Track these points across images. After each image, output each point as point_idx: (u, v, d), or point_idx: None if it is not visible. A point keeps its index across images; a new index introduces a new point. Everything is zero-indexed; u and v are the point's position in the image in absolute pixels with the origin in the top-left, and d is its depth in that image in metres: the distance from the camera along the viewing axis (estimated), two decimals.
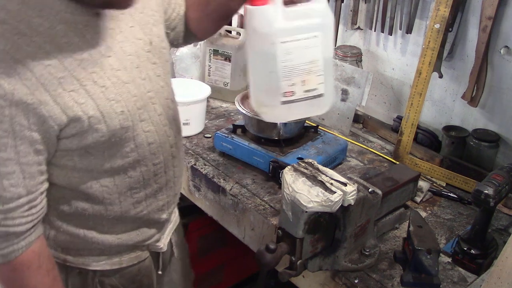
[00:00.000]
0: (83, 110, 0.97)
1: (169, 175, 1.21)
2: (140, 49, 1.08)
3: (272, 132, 1.61)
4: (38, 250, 1.03)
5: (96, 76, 0.98)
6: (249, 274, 2.40)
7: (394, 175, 1.39)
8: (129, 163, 1.10)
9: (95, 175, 1.07)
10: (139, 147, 1.09)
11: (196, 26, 1.28)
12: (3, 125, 0.91)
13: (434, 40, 1.64)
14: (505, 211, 1.51)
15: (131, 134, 1.06)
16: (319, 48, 1.10)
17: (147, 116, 1.09)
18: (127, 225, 1.19)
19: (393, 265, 1.28)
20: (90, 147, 1.02)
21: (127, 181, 1.12)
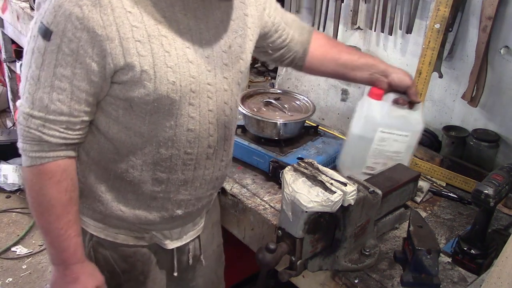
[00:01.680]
0: (140, 61, 1.02)
1: (198, 173, 1.21)
2: (217, 46, 1.14)
3: (272, 132, 1.61)
4: (64, 166, 1.09)
5: (165, 40, 1.04)
6: (249, 274, 2.40)
7: (394, 175, 1.39)
8: (165, 138, 1.12)
9: (131, 134, 1.12)
10: (178, 127, 1.12)
11: (311, 65, 1.47)
12: (72, 44, 0.99)
13: (434, 40, 1.64)
14: (505, 211, 1.51)
15: (175, 110, 1.10)
16: (405, 144, 1.46)
17: (197, 103, 1.12)
18: (140, 198, 1.19)
19: (393, 265, 1.28)
20: (135, 103, 1.07)
21: (156, 156, 1.14)
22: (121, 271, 1.28)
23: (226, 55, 1.16)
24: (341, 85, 1.89)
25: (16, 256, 2.85)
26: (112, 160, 1.16)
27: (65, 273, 1.15)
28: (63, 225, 1.11)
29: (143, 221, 1.23)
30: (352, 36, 2.12)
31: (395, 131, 1.45)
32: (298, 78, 2.02)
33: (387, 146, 1.45)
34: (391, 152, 1.47)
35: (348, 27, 2.10)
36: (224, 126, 1.21)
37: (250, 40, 1.25)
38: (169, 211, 1.23)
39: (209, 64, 1.12)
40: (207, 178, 1.24)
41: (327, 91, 1.93)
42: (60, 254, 1.14)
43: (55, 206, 1.09)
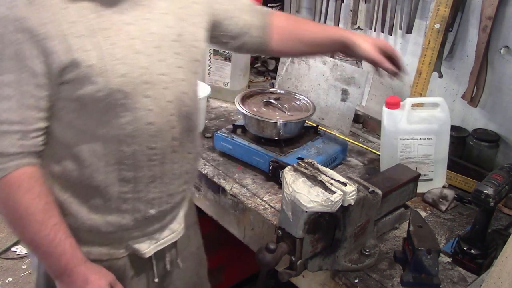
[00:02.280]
0: (84, 56, 0.99)
1: (166, 168, 1.17)
2: (166, 35, 1.11)
3: (272, 132, 1.61)
4: (29, 174, 1.04)
5: (109, 33, 1.01)
6: (249, 274, 2.40)
7: (394, 175, 1.39)
8: (124, 136, 1.08)
9: (88, 137, 1.07)
10: (136, 122, 1.08)
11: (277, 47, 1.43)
12: (12, 48, 0.95)
13: (434, 40, 1.64)
14: (505, 211, 1.51)
15: (131, 104, 1.06)
16: (432, 147, 1.52)
17: (152, 95, 1.08)
18: (109, 204, 1.14)
19: (393, 265, 1.28)
20: (87, 102, 1.03)
21: (118, 154, 1.10)
22: None
23: (177, 44, 1.13)
24: (341, 85, 1.89)
25: (16, 256, 2.85)
26: (74, 169, 1.10)
27: (71, 280, 1.09)
28: (50, 231, 1.06)
29: (117, 227, 1.16)
30: None
31: (416, 136, 1.52)
32: (298, 78, 2.02)
33: (413, 151, 1.53)
34: (420, 156, 1.53)
35: (348, 27, 2.10)
36: (186, 117, 1.17)
37: (201, 28, 1.21)
38: (142, 212, 1.18)
39: (160, 54, 1.09)
40: (176, 172, 1.20)
41: (327, 91, 1.93)
42: (59, 262, 1.08)
43: (34, 213, 1.04)
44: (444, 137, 1.53)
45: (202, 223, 2.06)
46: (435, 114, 1.52)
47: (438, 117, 1.51)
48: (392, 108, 1.53)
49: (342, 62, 1.91)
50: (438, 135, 1.52)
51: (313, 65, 1.97)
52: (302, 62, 2.01)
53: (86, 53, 0.99)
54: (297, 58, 1.95)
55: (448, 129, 1.53)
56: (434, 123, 1.51)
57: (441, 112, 1.51)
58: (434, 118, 1.52)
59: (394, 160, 1.54)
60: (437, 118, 1.51)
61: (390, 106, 1.53)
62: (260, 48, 1.43)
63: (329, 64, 1.93)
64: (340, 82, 1.89)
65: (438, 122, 1.51)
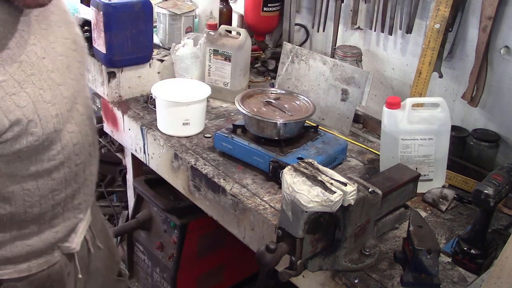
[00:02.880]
0: (24, 113, 0.96)
1: (86, 173, 1.21)
2: (68, 49, 1.10)
3: (272, 132, 1.61)
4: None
5: (34, 78, 0.98)
6: (249, 274, 2.40)
7: (394, 175, 1.39)
8: (55, 166, 1.08)
9: (18, 179, 1.05)
10: (64, 149, 1.08)
11: None
12: None
13: (434, 40, 1.64)
14: (505, 211, 1.51)
15: (59, 136, 1.06)
16: (432, 147, 1.52)
17: (71, 118, 1.09)
18: (42, 226, 1.14)
19: (393, 265, 1.28)
20: (22, 152, 1.00)
21: (50, 184, 1.10)
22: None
23: (77, 53, 1.13)
24: (341, 85, 1.89)
25: None
26: (5, 213, 1.07)
27: None
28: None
29: (52, 241, 1.18)
30: (352, 36, 2.12)
31: (417, 136, 1.52)
32: (298, 78, 2.02)
33: (413, 152, 1.53)
34: (420, 156, 1.54)
35: (348, 27, 2.10)
36: (91, 117, 1.21)
37: (76, 24, 1.23)
38: (70, 220, 1.20)
39: (71, 73, 1.09)
40: (94, 172, 1.25)
41: (327, 91, 1.93)
42: None
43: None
44: (445, 137, 1.53)
45: (202, 223, 2.06)
46: (436, 114, 1.52)
47: (438, 117, 1.51)
48: (393, 108, 1.53)
49: (342, 62, 1.91)
50: (438, 135, 1.52)
51: (313, 65, 1.97)
52: (302, 62, 2.01)
53: (23, 109, 0.96)
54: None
55: (449, 129, 1.53)
56: (435, 123, 1.51)
57: (441, 112, 1.51)
58: (435, 118, 1.52)
59: (394, 160, 1.54)
60: (438, 118, 1.51)
61: (391, 106, 1.54)
62: None
63: (329, 64, 1.93)
64: (340, 82, 1.89)
65: (438, 122, 1.51)
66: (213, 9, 2.36)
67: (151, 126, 1.88)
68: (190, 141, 1.80)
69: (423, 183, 1.53)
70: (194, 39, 2.11)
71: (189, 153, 1.73)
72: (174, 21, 2.24)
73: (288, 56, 2.06)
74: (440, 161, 1.56)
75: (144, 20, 1.96)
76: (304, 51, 2.01)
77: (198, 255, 2.16)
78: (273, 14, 2.31)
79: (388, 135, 1.55)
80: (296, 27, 2.34)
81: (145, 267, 2.30)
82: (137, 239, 2.30)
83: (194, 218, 2.05)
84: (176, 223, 2.05)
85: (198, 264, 2.17)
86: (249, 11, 2.33)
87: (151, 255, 2.23)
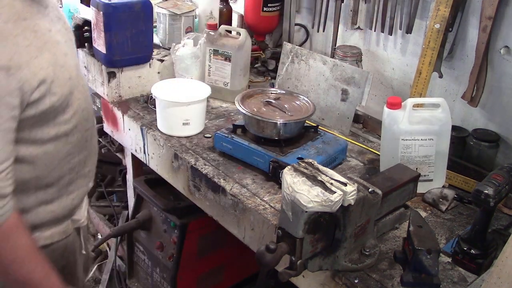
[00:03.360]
0: (47, 74, 1.09)
1: (93, 142, 1.35)
2: (62, 27, 1.24)
3: (272, 132, 1.61)
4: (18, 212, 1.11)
5: (48, 46, 1.12)
6: (249, 274, 2.40)
7: (394, 175, 1.39)
8: (70, 129, 1.21)
9: (40, 144, 1.16)
10: (76, 113, 1.22)
11: None
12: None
13: (434, 40, 1.64)
14: (505, 211, 1.51)
15: (71, 100, 1.19)
16: (433, 147, 1.52)
17: (78, 85, 1.23)
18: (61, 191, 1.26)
19: (393, 265, 1.28)
20: (45, 113, 1.12)
21: (67, 148, 1.23)
22: (60, 269, 1.28)
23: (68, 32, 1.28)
24: (341, 85, 1.89)
25: None
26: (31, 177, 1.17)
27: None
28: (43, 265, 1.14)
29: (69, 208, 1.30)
30: (352, 36, 2.12)
31: (417, 137, 1.52)
32: (298, 78, 2.02)
33: (414, 152, 1.53)
34: (421, 157, 1.54)
35: (348, 27, 2.10)
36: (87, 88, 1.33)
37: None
38: (82, 188, 1.33)
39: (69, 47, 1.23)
40: (96, 145, 1.39)
41: (327, 91, 1.93)
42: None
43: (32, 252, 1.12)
44: (445, 138, 1.53)
45: (202, 223, 2.06)
46: (436, 114, 1.52)
47: (439, 118, 1.51)
48: (393, 108, 1.53)
49: (342, 62, 1.91)
50: (439, 135, 1.52)
51: (313, 65, 1.97)
52: (302, 62, 2.01)
53: (45, 71, 1.08)
54: None
55: (449, 129, 1.53)
56: (435, 124, 1.51)
57: (442, 112, 1.51)
58: (435, 118, 1.52)
59: (395, 160, 1.54)
60: (438, 118, 1.51)
61: (391, 106, 1.54)
62: None
63: (329, 64, 1.93)
64: (340, 82, 1.89)
65: (439, 123, 1.51)
66: (213, 9, 2.36)
67: (151, 126, 1.88)
68: (190, 141, 1.80)
69: (423, 183, 1.53)
70: (194, 39, 2.11)
71: (189, 153, 1.73)
72: (174, 21, 2.24)
73: (288, 56, 2.06)
74: (441, 161, 1.56)
75: (144, 20, 1.96)
76: (304, 51, 2.01)
77: (198, 255, 2.16)
78: (273, 14, 2.31)
79: (389, 135, 1.55)
80: (296, 27, 2.34)
81: (145, 267, 2.29)
82: (137, 239, 2.30)
83: (194, 218, 2.05)
84: (176, 223, 2.05)
85: (198, 264, 2.17)
86: (249, 11, 2.33)
87: (151, 255, 2.23)
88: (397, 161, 1.53)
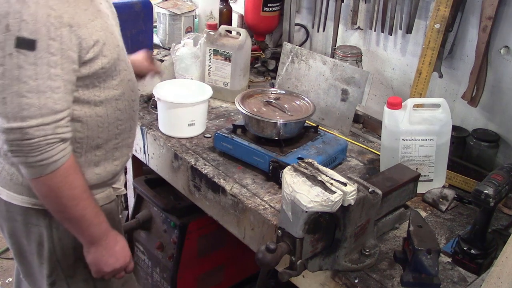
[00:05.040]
0: (100, 36, 1.20)
1: (136, 114, 1.45)
2: (109, 10, 1.33)
3: (272, 132, 1.61)
4: (73, 156, 1.22)
5: (100, 14, 1.23)
6: (249, 274, 2.40)
7: (394, 175, 1.39)
8: (118, 95, 1.31)
9: (92, 106, 1.26)
10: (123, 81, 1.31)
11: None
12: (55, 43, 1.10)
13: (434, 40, 1.64)
14: (505, 211, 1.51)
15: (118, 67, 1.28)
16: (433, 148, 1.52)
17: (122, 57, 1.32)
18: (107, 154, 1.36)
19: (393, 265, 1.28)
20: (97, 74, 1.22)
21: (116, 113, 1.32)
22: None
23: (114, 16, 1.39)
24: (341, 85, 1.89)
25: None
26: (83, 137, 1.27)
27: (107, 242, 1.30)
28: (95, 204, 1.26)
29: (113, 173, 1.40)
30: (352, 36, 2.12)
31: (417, 137, 1.52)
32: (298, 78, 2.02)
33: (414, 152, 1.53)
34: (421, 157, 1.54)
35: (348, 27, 2.10)
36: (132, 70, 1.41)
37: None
38: (126, 156, 1.43)
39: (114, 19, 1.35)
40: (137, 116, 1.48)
41: (327, 91, 1.93)
42: (100, 228, 1.28)
43: (86, 191, 1.23)
44: (445, 138, 1.53)
45: (202, 223, 2.06)
46: (437, 115, 1.52)
47: (439, 118, 1.51)
48: (394, 108, 1.53)
49: (342, 62, 1.91)
50: (439, 135, 1.52)
51: (313, 65, 1.97)
52: (302, 62, 2.01)
53: (99, 33, 1.19)
54: None
55: (449, 130, 1.53)
56: (435, 124, 1.51)
57: (442, 113, 1.51)
58: (436, 119, 1.51)
59: (395, 160, 1.54)
60: (438, 119, 1.51)
61: (392, 107, 1.54)
62: None
63: (329, 64, 1.93)
64: (340, 82, 1.89)
65: (439, 123, 1.51)
66: (213, 9, 2.37)
67: (151, 126, 1.88)
68: (190, 141, 1.80)
69: (423, 183, 1.53)
70: (194, 39, 2.11)
71: (189, 153, 1.73)
72: (174, 21, 2.25)
73: (288, 56, 2.06)
74: (441, 161, 1.55)
75: (144, 20, 1.96)
76: (304, 51, 2.01)
77: (198, 255, 2.16)
78: (273, 14, 2.31)
79: (389, 135, 1.55)
80: (296, 27, 2.34)
81: (145, 267, 2.30)
82: (137, 239, 2.30)
83: (194, 218, 2.05)
84: (176, 223, 2.05)
85: (198, 264, 2.17)
86: (249, 11, 2.33)
87: (151, 255, 2.23)
88: (397, 161, 1.53)
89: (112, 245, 1.32)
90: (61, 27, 1.10)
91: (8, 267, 2.77)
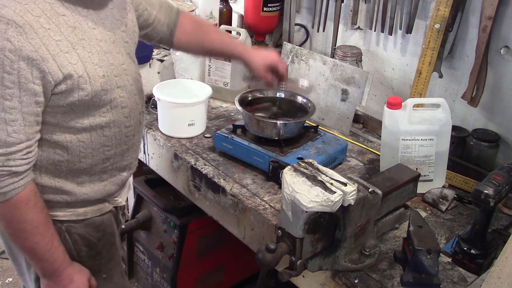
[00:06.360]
0: (74, 69, 1.13)
1: (135, 138, 1.39)
2: (116, 28, 1.27)
3: (272, 132, 1.61)
4: (34, 189, 1.19)
5: (84, 43, 1.17)
6: (249, 274, 2.40)
7: (394, 175, 1.39)
8: (106, 123, 1.26)
9: (74, 131, 1.22)
10: (113, 109, 1.26)
11: (179, 47, 1.64)
12: (11, 77, 1.06)
13: (434, 40, 1.64)
14: (505, 211, 1.51)
15: (108, 96, 1.23)
16: (433, 147, 1.52)
17: (122, 84, 1.27)
18: (92, 177, 1.32)
19: (393, 265, 1.28)
20: (75, 105, 1.18)
21: (102, 139, 1.28)
22: (97, 240, 1.40)
23: (125, 34, 1.31)
24: (341, 85, 1.89)
25: None
26: (63, 160, 1.25)
27: (59, 279, 1.27)
28: (48, 240, 1.21)
29: (102, 193, 1.36)
30: (352, 36, 2.12)
31: (418, 137, 1.52)
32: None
33: (414, 152, 1.53)
34: (421, 157, 1.54)
35: (348, 27, 2.10)
36: (140, 90, 1.37)
37: (132, 12, 1.38)
38: (118, 177, 1.39)
39: (116, 47, 1.26)
40: (139, 139, 1.44)
41: (327, 91, 1.93)
42: (52, 265, 1.25)
43: (38, 226, 1.19)
44: (445, 138, 1.53)
45: (202, 223, 2.06)
46: (437, 115, 1.52)
47: (439, 118, 1.51)
48: (394, 108, 1.53)
49: (342, 62, 1.91)
50: (439, 135, 1.52)
51: (313, 65, 1.97)
52: (302, 62, 2.01)
53: (74, 66, 1.13)
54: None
55: (449, 129, 1.53)
56: (435, 124, 1.51)
57: (442, 113, 1.51)
58: (435, 119, 1.51)
59: (395, 160, 1.54)
60: (438, 119, 1.51)
61: (392, 107, 1.54)
62: (162, 42, 1.60)
63: (329, 64, 1.93)
64: (340, 82, 1.89)
65: (439, 123, 1.51)
66: (213, 9, 2.37)
67: (151, 126, 1.88)
68: (190, 141, 1.80)
69: (423, 183, 1.53)
70: None
71: (189, 153, 1.73)
72: None
73: (288, 56, 2.06)
74: (441, 161, 1.56)
75: None
76: (304, 51, 2.01)
77: (198, 255, 2.16)
78: (273, 14, 2.31)
79: (389, 135, 1.55)
80: (296, 27, 2.34)
81: (145, 267, 2.30)
82: (137, 239, 2.30)
83: (194, 218, 2.05)
84: (176, 223, 2.05)
85: (198, 264, 2.18)
86: (249, 11, 2.33)
87: (151, 255, 2.23)
88: (397, 161, 1.53)
89: (65, 283, 1.27)
90: (19, 60, 1.05)
91: (8, 267, 2.77)
